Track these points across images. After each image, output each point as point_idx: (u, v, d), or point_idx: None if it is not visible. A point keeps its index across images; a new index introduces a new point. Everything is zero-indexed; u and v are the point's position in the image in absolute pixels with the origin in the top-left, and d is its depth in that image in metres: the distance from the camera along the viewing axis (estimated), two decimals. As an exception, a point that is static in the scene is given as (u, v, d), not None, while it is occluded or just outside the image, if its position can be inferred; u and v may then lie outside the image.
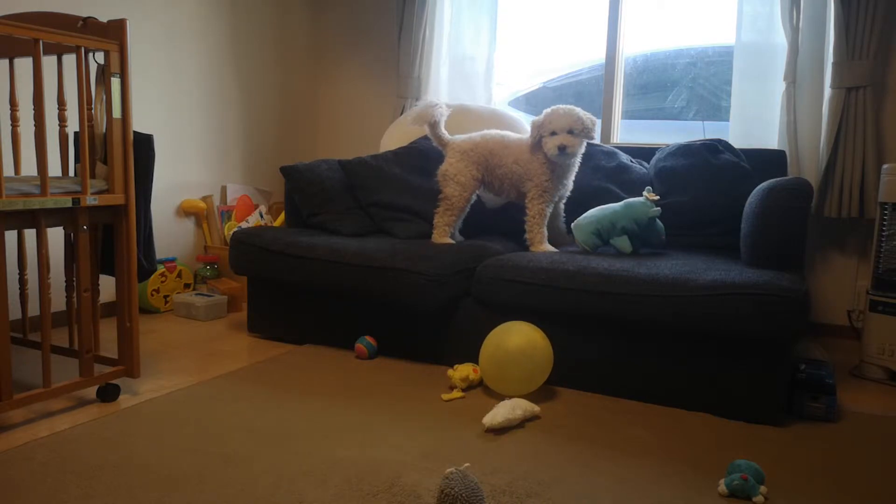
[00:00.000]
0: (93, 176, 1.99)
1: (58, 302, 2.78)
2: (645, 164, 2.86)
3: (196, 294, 3.18)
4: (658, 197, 2.35)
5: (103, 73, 1.98)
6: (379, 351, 2.53)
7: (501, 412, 1.82)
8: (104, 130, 2.00)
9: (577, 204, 2.75)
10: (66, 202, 1.87)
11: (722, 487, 1.50)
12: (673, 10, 3.28)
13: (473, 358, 2.32)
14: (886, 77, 2.80)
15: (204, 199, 3.49)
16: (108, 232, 2.10)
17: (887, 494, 1.53)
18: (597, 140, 2.56)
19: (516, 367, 1.98)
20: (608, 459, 1.68)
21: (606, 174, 2.78)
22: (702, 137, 2.75)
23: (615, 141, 3.38)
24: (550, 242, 2.65)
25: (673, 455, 1.71)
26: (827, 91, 2.78)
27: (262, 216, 3.62)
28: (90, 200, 1.92)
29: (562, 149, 2.40)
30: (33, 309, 2.67)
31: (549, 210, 2.55)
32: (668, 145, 2.82)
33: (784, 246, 2.08)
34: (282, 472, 1.55)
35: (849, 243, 2.93)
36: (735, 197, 2.49)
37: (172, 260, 3.26)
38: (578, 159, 2.56)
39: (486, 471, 1.58)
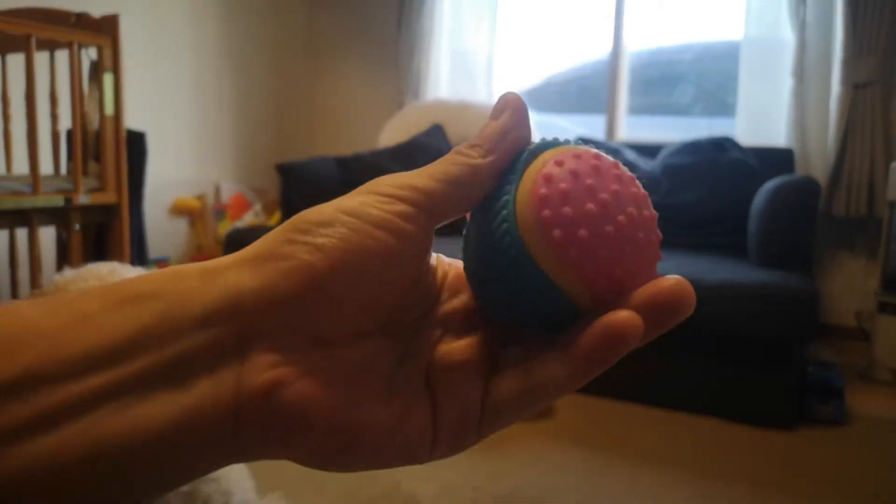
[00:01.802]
0: (85, 174, 1.95)
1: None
2: (650, 161, 2.82)
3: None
4: None
5: (96, 70, 1.94)
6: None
7: None
8: (97, 127, 1.96)
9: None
10: (58, 201, 1.83)
11: None
12: (679, 4, 3.23)
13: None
14: (895, 73, 2.76)
15: (197, 197, 3.44)
16: (101, 231, 2.06)
17: (901, 503, 1.50)
18: (601, 137, 2.52)
19: None
20: (613, 465, 1.64)
21: (610, 172, 2.74)
22: (708, 134, 2.71)
23: (620, 137, 3.33)
24: None
25: (679, 460, 1.68)
26: (835, 88, 2.74)
27: (257, 215, 3.57)
28: (82, 199, 1.88)
29: None
30: (27, 309, 2.62)
31: None
32: (673, 142, 2.78)
33: (792, 246, 2.05)
34: (279, 478, 1.51)
35: (857, 243, 2.89)
36: (742, 195, 2.45)
37: (166, 260, 3.22)
38: None
39: (489, 477, 1.54)
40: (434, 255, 0.28)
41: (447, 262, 0.29)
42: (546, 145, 0.25)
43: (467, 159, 0.25)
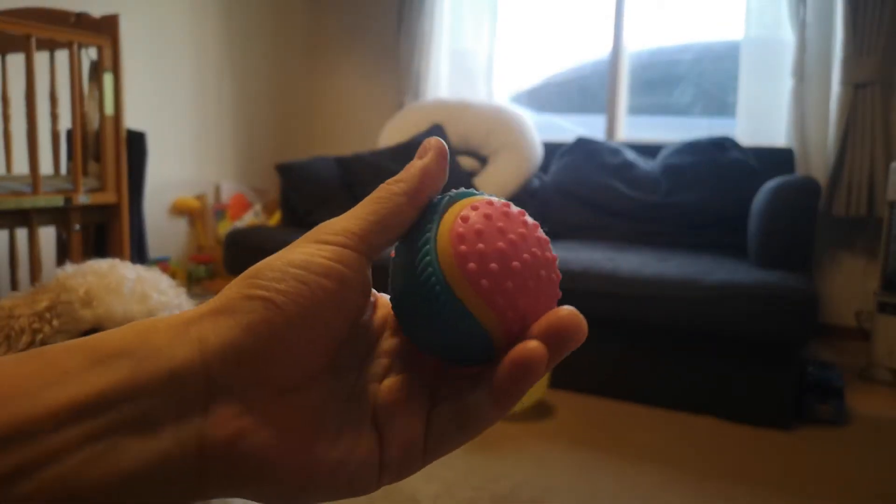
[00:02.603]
0: (85, 174, 1.95)
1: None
2: (651, 161, 2.81)
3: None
4: None
5: (96, 70, 1.93)
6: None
7: None
8: (97, 127, 1.96)
9: (583, 202, 2.71)
10: (58, 201, 1.83)
11: None
12: (679, 4, 3.23)
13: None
14: (895, 73, 2.76)
15: (197, 197, 3.44)
16: (101, 231, 2.06)
17: (900, 503, 1.49)
18: (601, 137, 2.52)
19: None
20: (612, 465, 1.64)
21: (611, 171, 2.73)
22: (708, 134, 2.71)
23: (620, 137, 3.32)
24: None
25: (678, 460, 1.67)
26: (835, 88, 2.74)
27: (257, 215, 3.57)
28: (82, 199, 1.87)
29: None
30: (27, 309, 2.62)
31: None
32: (673, 142, 2.77)
33: (792, 246, 2.04)
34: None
35: (857, 242, 2.88)
36: (742, 195, 2.45)
37: (166, 260, 3.22)
38: None
39: (488, 477, 1.54)
40: (375, 292, 0.31)
41: (388, 299, 0.31)
42: (463, 194, 0.29)
43: (393, 196, 0.28)
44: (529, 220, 0.28)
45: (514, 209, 0.28)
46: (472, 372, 0.28)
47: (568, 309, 0.26)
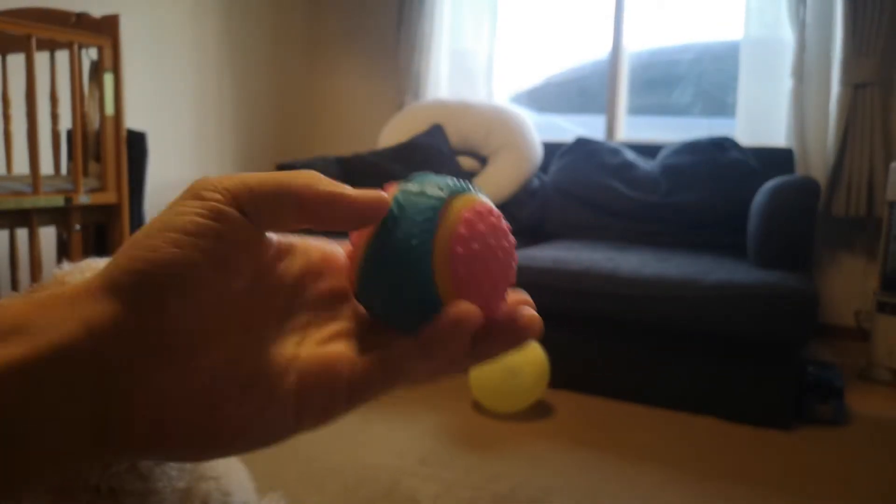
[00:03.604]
0: (85, 174, 1.95)
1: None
2: (650, 161, 2.81)
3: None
4: None
5: (96, 70, 1.94)
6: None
7: None
8: (97, 128, 1.96)
9: (583, 202, 2.71)
10: (59, 201, 1.83)
11: None
12: (679, 4, 3.23)
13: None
14: (895, 73, 2.76)
15: (201, 196, 3.44)
16: (101, 231, 2.06)
17: (900, 502, 1.50)
18: (601, 137, 2.52)
19: (503, 400, 1.93)
20: (612, 464, 1.64)
21: (611, 171, 2.74)
22: (708, 134, 2.71)
23: (620, 137, 3.32)
24: None
25: (678, 460, 1.68)
26: (835, 88, 2.74)
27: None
28: (83, 199, 1.88)
29: None
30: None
31: None
32: (673, 142, 2.77)
33: (792, 246, 2.04)
34: (278, 479, 1.51)
35: (857, 242, 2.89)
36: (742, 195, 2.46)
37: (169, 259, 3.22)
38: None
39: (488, 477, 1.54)
40: (292, 238, 0.30)
41: (310, 245, 0.31)
42: (460, 189, 0.29)
43: (323, 184, 0.28)
44: (506, 224, 0.30)
45: (496, 215, 0.30)
46: None
47: (532, 312, 0.29)
